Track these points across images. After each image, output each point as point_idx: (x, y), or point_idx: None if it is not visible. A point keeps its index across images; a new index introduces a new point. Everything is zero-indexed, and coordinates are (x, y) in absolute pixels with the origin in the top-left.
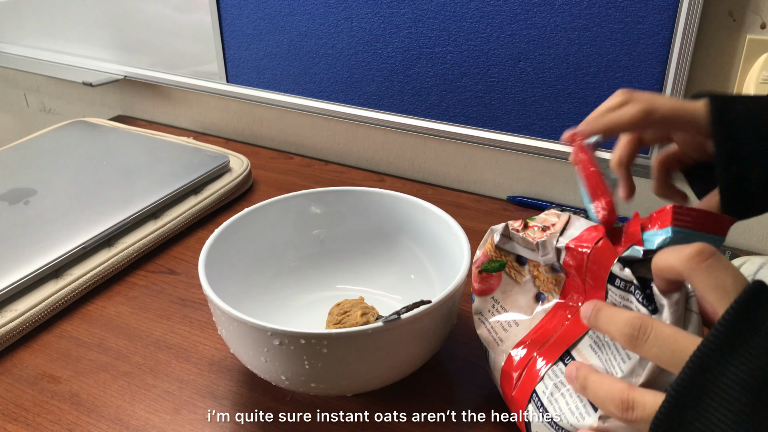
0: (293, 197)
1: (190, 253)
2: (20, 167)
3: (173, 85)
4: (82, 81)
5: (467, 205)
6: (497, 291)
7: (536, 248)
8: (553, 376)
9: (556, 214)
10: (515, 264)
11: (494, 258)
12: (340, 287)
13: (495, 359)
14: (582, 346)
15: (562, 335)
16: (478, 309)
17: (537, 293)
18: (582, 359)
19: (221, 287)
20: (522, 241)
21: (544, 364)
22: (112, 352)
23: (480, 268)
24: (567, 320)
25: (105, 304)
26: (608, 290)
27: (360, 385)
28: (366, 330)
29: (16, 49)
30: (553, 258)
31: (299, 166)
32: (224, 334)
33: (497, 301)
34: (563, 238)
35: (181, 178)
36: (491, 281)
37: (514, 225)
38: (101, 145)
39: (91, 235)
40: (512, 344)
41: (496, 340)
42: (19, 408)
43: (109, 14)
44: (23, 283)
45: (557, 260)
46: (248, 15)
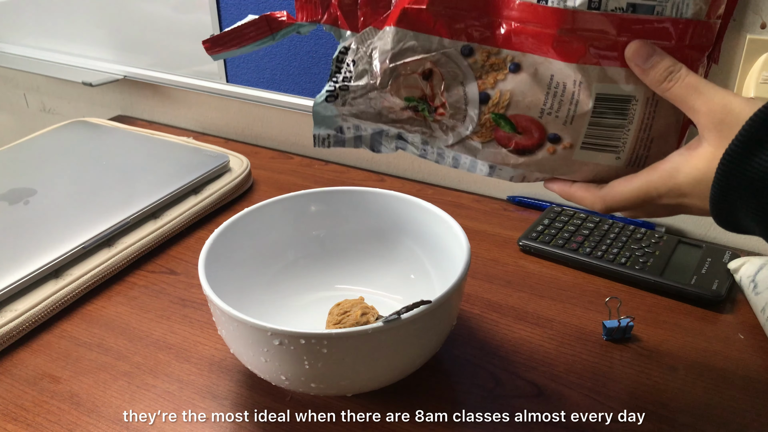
0: (293, 197)
1: (190, 253)
2: (20, 167)
3: (173, 85)
4: (82, 81)
5: (467, 205)
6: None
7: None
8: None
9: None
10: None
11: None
12: (340, 287)
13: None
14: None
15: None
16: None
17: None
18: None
19: (221, 287)
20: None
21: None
22: (112, 352)
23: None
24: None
25: (105, 304)
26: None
27: (360, 385)
28: (366, 330)
29: (16, 49)
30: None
31: (299, 166)
32: (224, 334)
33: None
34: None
35: (180, 178)
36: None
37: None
38: (101, 145)
39: (91, 235)
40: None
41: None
42: (19, 408)
43: (109, 14)
44: (23, 283)
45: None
46: (248, 15)
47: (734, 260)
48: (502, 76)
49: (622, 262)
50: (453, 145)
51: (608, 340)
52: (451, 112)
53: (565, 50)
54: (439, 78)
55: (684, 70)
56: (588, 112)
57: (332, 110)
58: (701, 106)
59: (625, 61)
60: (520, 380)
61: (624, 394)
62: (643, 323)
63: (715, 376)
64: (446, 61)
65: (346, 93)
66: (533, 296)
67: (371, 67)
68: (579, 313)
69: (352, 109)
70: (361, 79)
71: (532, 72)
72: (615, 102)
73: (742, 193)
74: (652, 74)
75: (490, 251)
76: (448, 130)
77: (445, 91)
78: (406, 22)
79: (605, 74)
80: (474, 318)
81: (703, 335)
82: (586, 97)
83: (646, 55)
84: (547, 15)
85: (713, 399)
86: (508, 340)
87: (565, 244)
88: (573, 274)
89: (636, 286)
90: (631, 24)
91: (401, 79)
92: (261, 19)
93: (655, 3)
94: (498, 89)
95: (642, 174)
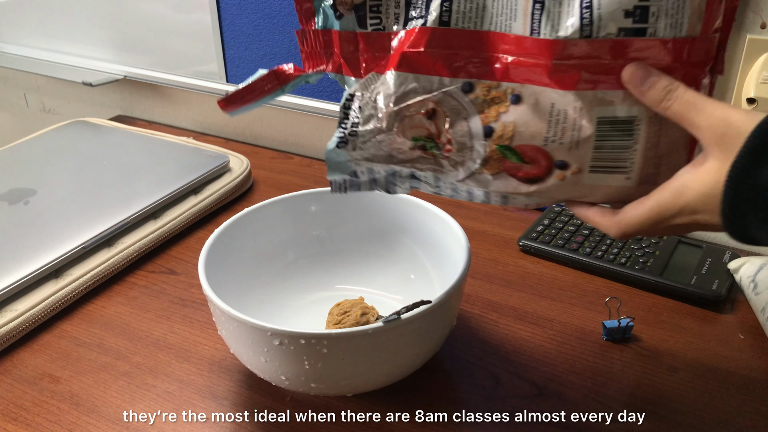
0: (293, 197)
1: (190, 253)
2: (20, 167)
3: (173, 85)
4: (82, 81)
5: (467, 205)
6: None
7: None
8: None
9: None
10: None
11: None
12: (340, 287)
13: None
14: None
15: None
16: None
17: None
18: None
19: (221, 287)
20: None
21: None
22: (112, 352)
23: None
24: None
25: (105, 304)
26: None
27: (360, 385)
28: (366, 330)
29: (16, 49)
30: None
31: (299, 166)
32: (224, 334)
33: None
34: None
35: (181, 178)
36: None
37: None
38: (101, 145)
39: (91, 235)
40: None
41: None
42: (19, 408)
43: (109, 14)
44: (23, 283)
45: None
46: (248, 15)
47: (734, 260)
48: (504, 109)
49: (622, 263)
50: (464, 180)
51: (608, 340)
52: (458, 148)
53: (562, 79)
54: (443, 116)
55: (682, 88)
56: (591, 136)
57: (344, 156)
58: (702, 121)
59: (623, 84)
60: (520, 380)
61: (624, 394)
62: (643, 323)
63: (715, 376)
64: (448, 99)
65: (355, 138)
66: (533, 296)
67: (377, 111)
68: (579, 313)
69: (363, 153)
70: (369, 124)
71: (532, 102)
72: (617, 124)
73: (753, 204)
74: (650, 95)
75: (490, 251)
76: (458, 165)
77: (450, 128)
78: (406, 65)
79: (604, 98)
80: (474, 318)
81: (703, 335)
82: (587, 122)
83: (643, 77)
84: (541, 46)
85: (713, 399)
86: (508, 340)
87: (565, 244)
88: (573, 274)
89: (636, 286)
90: (625, 48)
91: (406, 120)
92: (270, 74)
93: (646, 25)
94: (501, 121)
95: (652, 195)
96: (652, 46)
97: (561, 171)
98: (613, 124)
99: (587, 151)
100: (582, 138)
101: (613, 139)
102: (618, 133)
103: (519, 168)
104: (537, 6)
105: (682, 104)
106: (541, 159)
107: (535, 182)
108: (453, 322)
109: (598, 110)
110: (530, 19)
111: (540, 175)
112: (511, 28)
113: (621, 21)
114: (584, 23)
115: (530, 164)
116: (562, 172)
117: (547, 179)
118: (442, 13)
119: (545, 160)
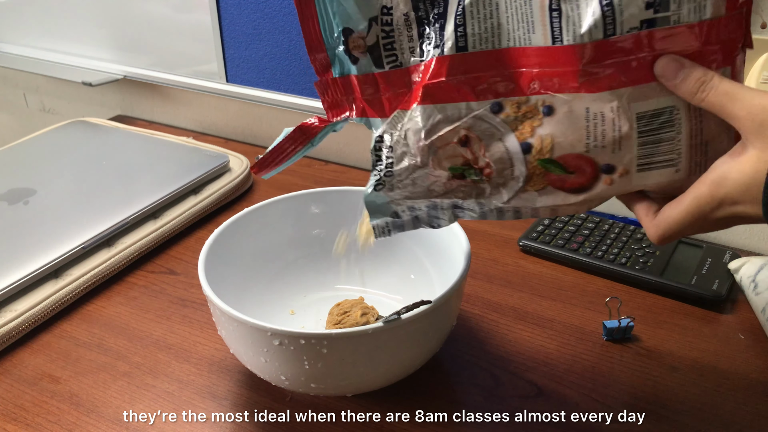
0: (293, 197)
1: (190, 253)
2: (20, 167)
3: (173, 84)
4: (82, 81)
5: None
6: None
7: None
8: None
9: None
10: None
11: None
12: (340, 287)
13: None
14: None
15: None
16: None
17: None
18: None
19: (221, 287)
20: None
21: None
22: (111, 353)
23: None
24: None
25: (104, 305)
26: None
27: (360, 385)
28: (366, 330)
29: (15, 49)
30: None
31: (299, 166)
32: (224, 334)
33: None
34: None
35: (180, 178)
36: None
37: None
38: (101, 145)
39: (91, 235)
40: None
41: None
42: (19, 408)
43: (108, 14)
44: (23, 283)
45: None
46: (248, 15)
47: (734, 260)
48: (538, 122)
49: (622, 263)
50: (509, 200)
51: (608, 340)
52: (498, 170)
53: (592, 81)
54: (477, 141)
55: (716, 78)
56: (632, 133)
57: (383, 198)
58: (739, 111)
59: (656, 77)
60: (520, 380)
61: (624, 394)
62: (643, 323)
63: (715, 376)
64: (479, 123)
65: (391, 178)
66: (533, 296)
67: (409, 148)
68: (579, 313)
69: (402, 192)
70: (403, 162)
71: (566, 111)
72: (657, 116)
73: None
74: (684, 87)
75: (490, 251)
76: (500, 187)
77: (486, 151)
78: (430, 97)
79: (639, 93)
80: (474, 318)
81: (703, 335)
82: (626, 120)
83: (675, 69)
84: (567, 53)
85: (713, 399)
86: (508, 340)
87: (566, 244)
88: (573, 274)
89: (636, 286)
90: (651, 39)
91: (440, 151)
92: (296, 131)
93: (669, 13)
94: (537, 135)
95: (689, 191)
96: (678, 33)
97: (608, 175)
98: (653, 118)
99: (631, 151)
100: (623, 136)
101: (655, 133)
102: (659, 125)
103: (564, 179)
104: (554, 14)
105: (717, 95)
106: (585, 166)
107: (582, 191)
108: (453, 322)
109: (635, 106)
110: (550, 28)
111: (586, 183)
112: (530, 41)
113: (643, 13)
114: (607, 22)
115: (575, 174)
116: (609, 176)
117: (594, 186)
118: (458, 39)
119: (589, 166)
